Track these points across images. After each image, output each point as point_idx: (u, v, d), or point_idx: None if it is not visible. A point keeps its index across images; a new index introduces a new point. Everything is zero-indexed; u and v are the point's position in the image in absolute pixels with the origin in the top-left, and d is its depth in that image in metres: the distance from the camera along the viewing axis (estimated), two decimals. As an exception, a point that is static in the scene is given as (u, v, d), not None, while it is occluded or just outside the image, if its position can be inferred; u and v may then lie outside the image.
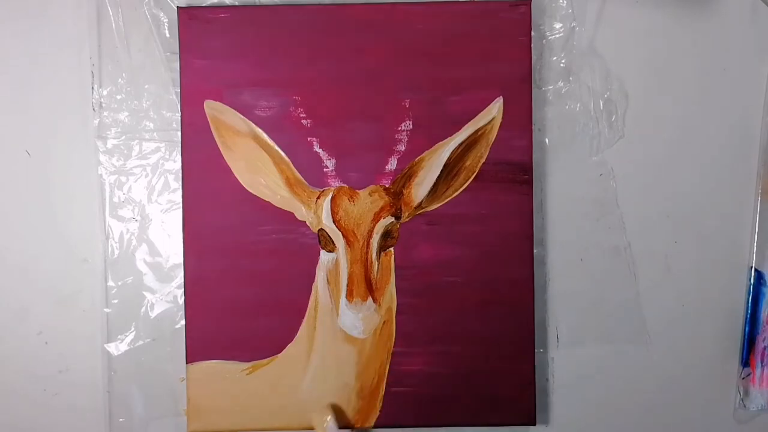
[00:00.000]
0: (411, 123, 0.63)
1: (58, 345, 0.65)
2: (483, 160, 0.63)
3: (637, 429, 0.67)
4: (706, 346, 0.67)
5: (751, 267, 0.67)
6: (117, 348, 0.65)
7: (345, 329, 0.63)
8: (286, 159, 0.63)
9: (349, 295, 0.62)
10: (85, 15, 0.65)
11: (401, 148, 0.63)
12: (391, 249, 0.63)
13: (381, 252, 0.63)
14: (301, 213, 0.63)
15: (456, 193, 0.63)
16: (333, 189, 0.63)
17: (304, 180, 0.63)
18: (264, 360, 0.63)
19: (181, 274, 0.63)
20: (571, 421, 0.67)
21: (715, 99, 0.67)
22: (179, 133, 0.63)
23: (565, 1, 0.65)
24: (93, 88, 0.65)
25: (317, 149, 0.63)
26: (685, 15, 0.67)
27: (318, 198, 0.63)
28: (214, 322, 0.63)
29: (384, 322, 0.63)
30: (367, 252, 0.63)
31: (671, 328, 0.67)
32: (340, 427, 0.63)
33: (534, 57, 0.64)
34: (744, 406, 0.67)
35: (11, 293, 0.65)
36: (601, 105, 0.66)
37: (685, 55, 0.67)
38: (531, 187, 0.64)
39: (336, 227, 0.63)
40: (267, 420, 0.63)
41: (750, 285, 0.67)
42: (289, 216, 0.63)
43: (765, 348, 0.67)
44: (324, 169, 0.63)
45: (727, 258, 0.67)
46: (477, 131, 0.63)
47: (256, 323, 0.63)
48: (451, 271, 0.63)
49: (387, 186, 0.63)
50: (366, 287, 0.62)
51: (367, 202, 0.63)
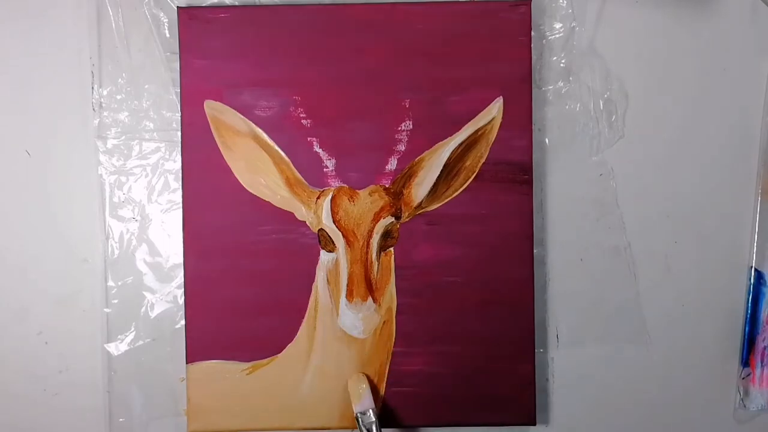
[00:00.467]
0: (411, 123, 0.63)
1: (58, 345, 0.65)
2: (483, 160, 0.63)
3: (637, 429, 0.67)
4: (706, 346, 0.67)
5: (751, 267, 0.67)
6: (117, 348, 0.65)
7: (345, 329, 0.63)
8: (286, 159, 0.63)
9: (349, 295, 0.62)
10: (85, 15, 0.65)
11: (401, 148, 0.63)
12: (391, 249, 0.63)
13: (381, 252, 0.63)
14: (301, 213, 0.63)
15: (456, 193, 0.63)
16: (333, 189, 0.63)
17: (304, 180, 0.63)
18: (264, 360, 0.63)
19: (181, 274, 0.64)
20: (571, 421, 0.67)
21: (715, 99, 0.67)
22: (179, 133, 0.63)
23: (565, 1, 0.65)
24: (93, 88, 0.65)
25: (317, 149, 0.63)
26: (685, 15, 0.67)
27: (318, 198, 0.63)
28: (214, 322, 0.63)
29: (384, 322, 0.63)
30: (367, 252, 0.63)
31: (671, 328, 0.67)
32: (339, 428, 0.63)
33: (534, 57, 0.64)
34: (744, 406, 0.67)
35: (11, 293, 0.65)
36: (601, 105, 0.66)
37: (685, 55, 0.67)
38: (531, 187, 0.64)
39: (336, 227, 0.63)
40: (267, 420, 0.63)
41: (750, 285, 0.67)
42: (289, 216, 0.63)
43: (765, 348, 0.67)
44: (324, 169, 0.63)
45: (727, 258, 0.67)
46: (477, 131, 0.63)
47: (256, 323, 0.63)
48: (451, 271, 0.63)
49: (387, 186, 0.63)
50: (366, 287, 0.62)
51: (367, 202, 0.63)
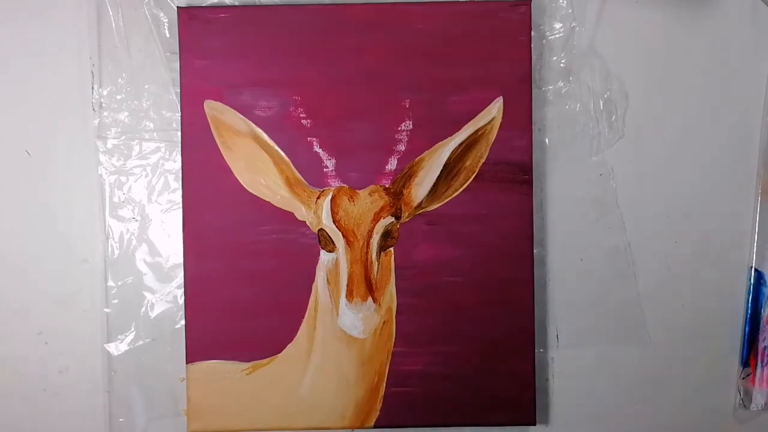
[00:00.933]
0: (411, 123, 0.63)
1: (58, 345, 0.65)
2: (483, 160, 0.63)
3: (637, 429, 0.67)
4: (706, 346, 0.67)
5: (751, 267, 0.67)
6: (117, 348, 0.65)
7: (345, 329, 0.63)
8: (286, 159, 0.63)
9: (349, 295, 0.62)
10: (85, 15, 0.65)
11: (401, 148, 0.63)
12: (391, 249, 0.63)
13: (381, 252, 0.63)
14: (301, 213, 0.63)
15: (456, 193, 0.63)
16: (333, 189, 0.63)
17: (304, 180, 0.63)
18: (264, 360, 0.63)
19: (181, 274, 0.63)
20: (571, 421, 0.67)
21: (715, 99, 0.67)
22: (179, 133, 0.63)
23: (565, 1, 0.65)
24: (93, 88, 0.65)
25: (317, 149, 0.63)
26: (685, 15, 0.67)
27: (318, 198, 0.63)
28: (214, 322, 0.63)
29: (384, 322, 0.63)
30: (367, 252, 0.63)
31: (671, 328, 0.67)
32: (339, 428, 0.63)
33: (534, 57, 0.64)
34: (744, 406, 0.67)
35: (11, 293, 0.65)
36: (601, 105, 0.66)
37: (685, 55, 0.67)
38: (531, 187, 0.63)
39: (336, 227, 0.63)
40: (267, 420, 0.63)
41: (750, 285, 0.67)
42: (289, 216, 0.63)
43: (765, 348, 0.67)
44: (324, 169, 0.63)
45: (727, 258, 0.67)
46: (477, 131, 0.63)
47: (256, 323, 0.63)
48: (451, 271, 0.63)
49: (387, 186, 0.63)
50: (366, 287, 0.62)
51: (367, 202, 0.63)
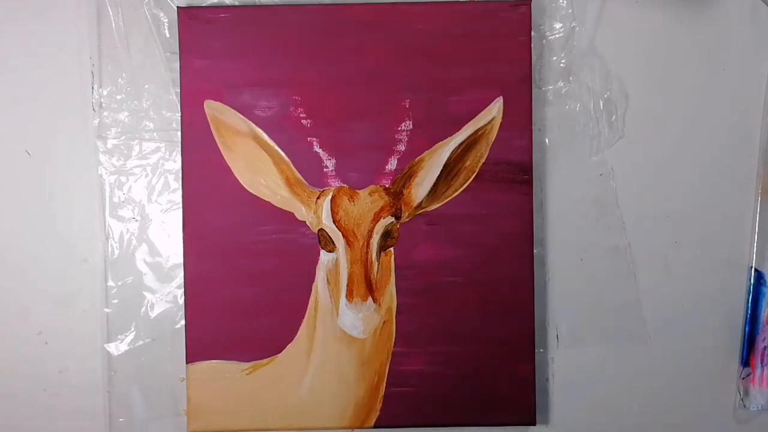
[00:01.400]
0: (411, 123, 0.63)
1: (58, 345, 0.65)
2: (483, 160, 0.63)
3: (638, 429, 0.67)
4: (706, 346, 0.67)
5: (751, 267, 0.67)
6: (117, 348, 0.65)
7: (345, 329, 0.63)
8: (286, 159, 0.63)
9: (349, 295, 0.62)
10: (85, 15, 0.65)
11: (401, 148, 0.63)
12: (391, 249, 0.63)
13: (381, 252, 0.63)
14: (301, 213, 0.63)
15: (456, 193, 0.63)
16: (333, 189, 0.63)
17: (304, 180, 0.63)
18: (264, 360, 0.63)
19: (181, 274, 0.63)
20: (571, 421, 0.67)
21: (715, 99, 0.67)
22: (179, 133, 0.63)
23: (565, 1, 0.65)
24: (93, 88, 0.65)
25: (317, 149, 0.63)
26: (685, 15, 0.67)
27: (318, 198, 0.63)
28: (214, 322, 0.63)
29: (384, 322, 0.63)
30: (367, 252, 0.63)
31: (671, 328, 0.67)
32: (339, 428, 0.63)
33: (534, 57, 0.64)
34: (744, 406, 0.67)
35: (11, 293, 0.65)
36: (601, 105, 0.66)
37: (685, 55, 0.67)
38: (531, 187, 0.63)
39: (336, 227, 0.63)
40: (267, 420, 0.63)
41: (750, 285, 0.67)
42: (289, 216, 0.63)
43: (765, 348, 0.67)
44: (324, 169, 0.63)
45: (727, 258, 0.67)
46: (477, 131, 0.63)
47: (256, 323, 0.63)
48: (451, 271, 0.63)
49: (387, 186, 0.63)
50: (366, 287, 0.62)
51: (367, 202, 0.63)
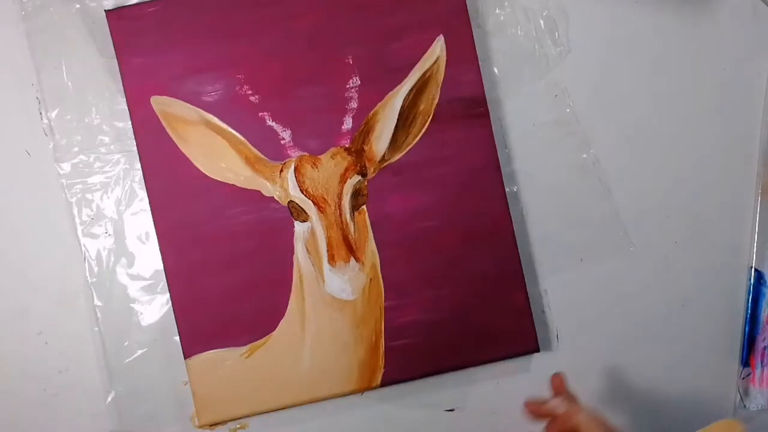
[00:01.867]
0: (358, 79, 0.63)
1: (58, 345, 0.64)
2: (436, 101, 0.63)
3: (637, 429, 0.66)
4: (706, 346, 0.67)
5: (751, 267, 0.67)
6: (117, 360, 0.64)
7: (333, 294, 0.62)
8: (241, 139, 0.63)
9: (331, 260, 0.62)
10: (17, 42, 0.64)
11: (353, 105, 0.63)
12: (364, 207, 0.63)
13: (354, 212, 0.63)
14: (267, 189, 0.63)
15: (416, 140, 0.63)
16: (294, 159, 0.63)
17: (263, 156, 0.63)
18: (260, 341, 0.63)
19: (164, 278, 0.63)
20: (574, 344, 0.66)
21: (715, 99, 0.67)
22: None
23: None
24: (41, 113, 0.64)
25: (270, 123, 0.63)
26: (685, 15, 0.67)
27: (281, 171, 0.63)
28: (203, 313, 0.62)
29: (370, 279, 0.63)
30: (341, 214, 0.62)
31: (671, 328, 0.67)
32: (347, 393, 0.63)
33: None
34: (744, 406, 0.67)
35: (11, 293, 0.65)
36: (542, 24, 0.65)
37: (685, 55, 0.67)
38: (488, 119, 0.63)
39: (305, 196, 0.62)
40: (274, 399, 0.62)
41: (750, 285, 0.67)
42: (256, 194, 0.63)
43: (765, 348, 0.67)
44: (281, 141, 0.63)
45: (727, 258, 0.67)
46: (424, 74, 0.63)
47: (244, 306, 0.62)
48: (426, 216, 0.63)
49: (347, 146, 0.63)
50: (346, 249, 0.62)
51: (331, 165, 0.63)
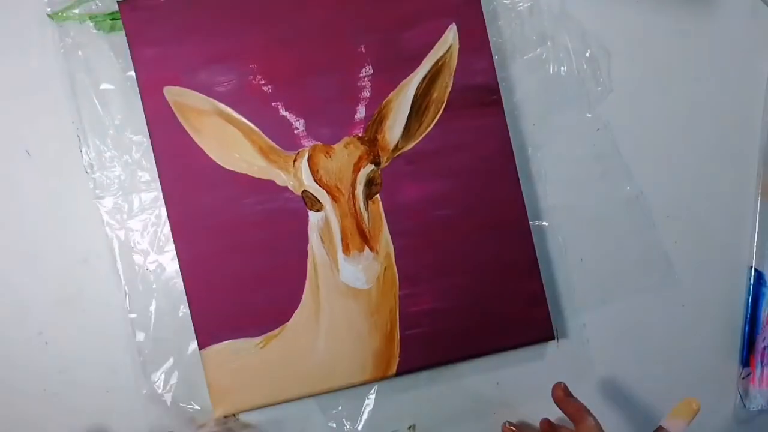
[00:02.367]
0: (371, 68, 0.63)
1: (58, 345, 0.64)
2: (449, 89, 0.63)
3: (637, 428, 0.66)
4: (706, 346, 0.67)
5: (751, 267, 0.67)
6: (149, 378, 0.64)
7: (348, 283, 0.62)
8: (255, 129, 0.63)
9: (346, 249, 0.62)
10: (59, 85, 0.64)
11: (366, 94, 0.63)
12: (378, 196, 0.63)
13: (368, 201, 0.63)
14: (282, 179, 0.63)
15: (429, 128, 0.63)
16: (308, 149, 0.63)
17: (277, 146, 0.63)
18: (275, 331, 0.62)
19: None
20: (589, 333, 0.66)
21: (715, 99, 0.67)
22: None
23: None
24: (81, 150, 0.64)
25: (284, 113, 0.63)
26: (685, 15, 0.67)
27: (295, 161, 0.63)
28: (217, 303, 0.62)
29: (385, 268, 0.63)
30: (354, 204, 0.62)
31: (671, 328, 0.67)
32: (362, 382, 0.62)
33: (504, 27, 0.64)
34: (744, 406, 0.67)
35: (11, 293, 0.65)
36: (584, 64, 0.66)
37: (685, 55, 0.67)
38: (501, 107, 0.63)
39: (319, 186, 0.62)
40: (290, 389, 0.62)
41: (750, 285, 0.67)
42: (270, 184, 0.63)
43: (765, 348, 0.67)
44: (294, 131, 0.63)
45: (727, 258, 0.67)
46: (437, 62, 0.63)
47: (259, 296, 0.62)
48: (441, 205, 0.63)
49: (360, 135, 0.63)
50: (360, 238, 0.62)
51: (344, 154, 0.63)
